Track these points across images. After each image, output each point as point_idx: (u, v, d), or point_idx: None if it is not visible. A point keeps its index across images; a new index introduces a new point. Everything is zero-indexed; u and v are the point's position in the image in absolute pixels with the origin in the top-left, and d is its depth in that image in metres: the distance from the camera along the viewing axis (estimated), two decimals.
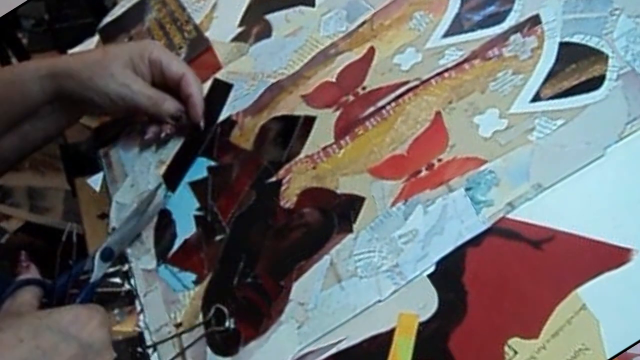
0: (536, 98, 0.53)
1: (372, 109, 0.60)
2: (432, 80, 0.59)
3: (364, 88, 0.62)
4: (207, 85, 0.73)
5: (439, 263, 0.49)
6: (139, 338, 0.60)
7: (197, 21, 0.81)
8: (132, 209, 0.65)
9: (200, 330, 0.56)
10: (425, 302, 0.48)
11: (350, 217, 0.54)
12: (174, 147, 0.70)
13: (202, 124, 0.67)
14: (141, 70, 0.66)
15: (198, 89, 0.67)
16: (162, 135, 0.69)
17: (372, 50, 0.64)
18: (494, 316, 0.46)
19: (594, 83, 0.51)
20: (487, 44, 0.58)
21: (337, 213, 0.55)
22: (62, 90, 0.64)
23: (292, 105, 0.65)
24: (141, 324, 0.60)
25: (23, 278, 0.54)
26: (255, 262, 0.57)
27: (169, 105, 0.66)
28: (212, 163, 0.66)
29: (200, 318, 0.57)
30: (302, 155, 0.61)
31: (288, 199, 0.59)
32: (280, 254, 0.56)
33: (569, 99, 0.51)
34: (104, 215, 0.70)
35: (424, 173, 0.54)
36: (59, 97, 0.65)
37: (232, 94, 0.71)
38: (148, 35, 0.84)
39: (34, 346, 0.46)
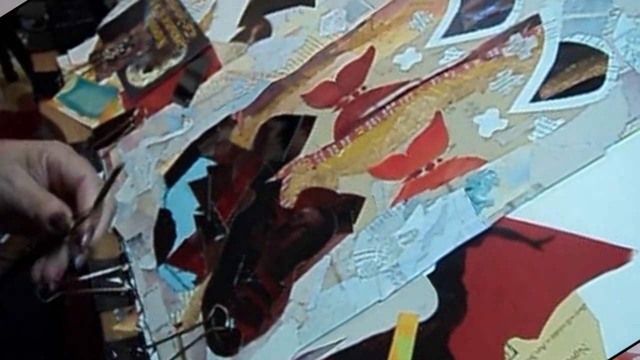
0: (536, 98, 0.53)
1: (372, 109, 0.60)
2: (432, 80, 0.59)
3: (364, 88, 0.62)
4: (206, 84, 0.73)
5: (439, 263, 0.49)
6: (139, 338, 0.60)
7: (197, 21, 0.81)
8: None
9: (200, 330, 0.56)
10: (425, 302, 0.48)
11: (350, 217, 0.54)
12: (174, 147, 0.71)
13: (85, 238, 0.53)
14: (36, 170, 0.55)
15: (93, 193, 0.55)
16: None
17: (372, 50, 0.64)
18: (494, 316, 0.46)
19: (594, 83, 0.51)
20: (487, 44, 0.58)
21: (337, 213, 0.55)
22: None
23: (292, 105, 0.65)
24: (141, 324, 0.60)
25: None
26: (255, 262, 0.57)
27: (52, 206, 0.53)
28: (212, 163, 0.66)
29: (200, 318, 0.57)
30: (302, 155, 0.61)
31: (288, 199, 0.59)
32: (280, 254, 0.56)
33: (569, 99, 0.51)
34: None
35: (424, 173, 0.54)
36: None
37: (232, 93, 0.71)
38: (148, 34, 0.84)
39: None
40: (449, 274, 0.48)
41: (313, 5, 0.73)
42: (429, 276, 0.49)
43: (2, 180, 0.53)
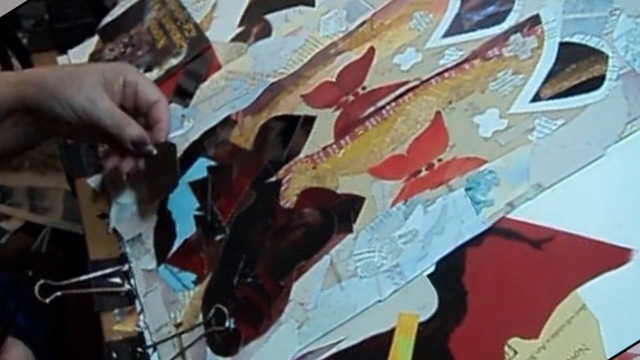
0: (536, 98, 0.53)
1: (372, 109, 0.60)
2: (432, 80, 0.59)
3: (364, 88, 0.62)
4: (206, 84, 0.73)
5: (439, 263, 0.49)
6: (139, 338, 0.60)
7: (197, 21, 0.81)
8: None
9: (200, 330, 0.56)
10: (425, 302, 0.48)
11: (350, 217, 0.54)
12: None
13: (154, 151, 0.63)
14: (113, 90, 0.62)
15: (169, 118, 0.65)
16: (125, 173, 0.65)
17: (372, 50, 0.64)
18: (494, 316, 0.46)
19: (594, 83, 0.51)
20: (487, 44, 0.58)
21: (337, 213, 0.55)
22: (26, 99, 0.60)
23: (292, 105, 0.65)
24: (141, 324, 0.60)
25: None
26: (255, 262, 0.57)
27: (133, 129, 0.61)
28: (212, 163, 0.66)
29: (200, 318, 0.57)
30: (302, 155, 0.61)
31: (288, 199, 0.59)
32: (280, 254, 0.56)
33: (569, 99, 0.51)
34: (104, 215, 0.70)
35: (424, 173, 0.54)
36: (22, 109, 0.61)
37: (232, 93, 0.71)
38: (148, 34, 0.84)
39: None
40: (449, 274, 0.49)
41: (313, 5, 0.73)
42: (429, 276, 0.49)
43: (86, 100, 0.60)
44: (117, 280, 0.64)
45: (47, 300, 0.60)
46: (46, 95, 0.60)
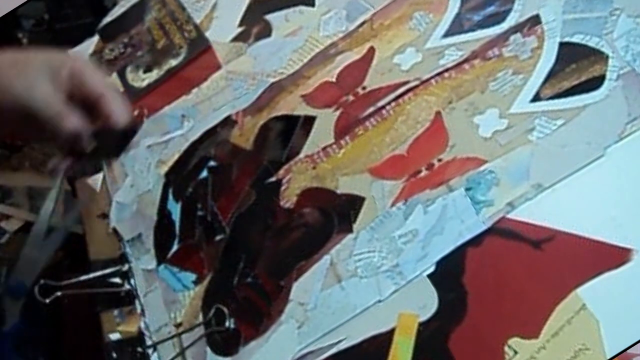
0: (536, 98, 0.53)
1: (372, 109, 0.60)
2: (432, 80, 0.59)
3: (364, 88, 0.62)
4: (206, 84, 0.73)
5: (439, 263, 0.49)
6: (139, 338, 0.60)
7: (197, 21, 0.81)
8: (32, 237, 0.58)
9: (200, 330, 0.56)
10: (425, 302, 0.48)
11: (350, 217, 0.54)
12: (174, 147, 0.71)
13: (88, 149, 0.56)
14: (59, 79, 0.56)
15: (120, 108, 0.57)
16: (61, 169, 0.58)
17: (372, 50, 0.64)
18: (494, 316, 0.46)
19: (594, 83, 0.51)
20: (487, 44, 0.58)
21: (337, 213, 0.55)
22: None
23: (292, 105, 0.65)
24: (141, 324, 0.60)
25: None
26: (255, 262, 0.57)
27: (71, 122, 0.55)
28: (212, 163, 0.66)
29: (200, 318, 0.57)
30: (302, 155, 0.61)
31: (288, 199, 0.59)
32: (280, 254, 0.56)
33: (569, 99, 0.51)
34: (104, 215, 0.70)
35: (424, 173, 0.54)
36: None
37: (232, 93, 0.71)
38: (148, 35, 0.84)
39: None
40: (449, 274, 0.48)
41: (313, 5, 0.73)
42: (429, 276, 0.49)
43: (24, 88, 0.54)
44: (117, 280, 0.64)
45: (47, 301, 0.60)
46: None
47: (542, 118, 0.51)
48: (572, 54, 0.54)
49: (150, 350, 0.58)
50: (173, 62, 0.79)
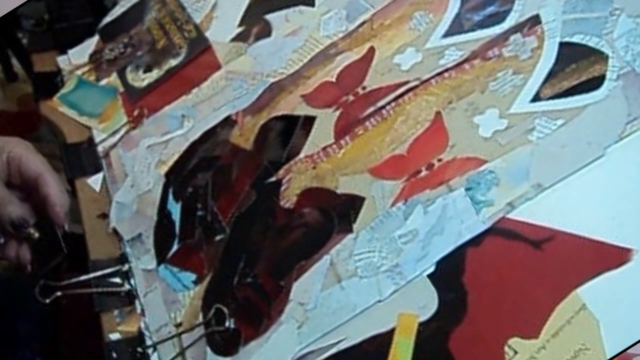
0: (536, 98, 0.53)
1: (372, 109, 0.60)
2: (432, 80, 0.59)
3: (363, 88, 0.62)
4: (206, 84, 0.73)
5: (439, 263, 0.49)
6: (139, 338, 0.60)
7: (197, 21, 0.81)
8: None
9: (200, 330, 0.56)
10: (425, 302, 0.48)
11: (350, 217, 0.54)
12: (174, 147, 0.71)
13: (66, 226, 0.57)
14: None
15: (57, 189, 0.56)
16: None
17: (372, 50, 0.64)
18: (494, 316, 0.46)
19: (594, 83, 0.51)
20: (487, 44, 0.58)
21: (337, 213, 0.55)
22: None
23: (292, 105, 0.65)
24: (141, 324, 0.60)
25: None
26: (255, 262, 0.57)
27: (13, 209, 0.55)
28: (212, 163, 0.66)
29: (200, 318, 0.57)
30: (302, 155, 0.61)
31: (288, 199, 0.59)
32: (280, 254, 0.56)
33: (569, 99, 0.51)
34: (104, 215, 0.70)
35: (424, 173, 0.54)
36: None
37: (232, 93, 0.71)
38: (148, 35, 0.84)
39: None
40: (449, 274, 0.48)
41: (313, 5, 0.73)
42: (429, 276, 0.49)
43: None
44: (117, 280, 0.64)
45: (47, 301, 0.60)
46: None
47: (542, 118, 0.51)
48: (572, 54, 0.54)
49: (150, 350, 0.58)
50: (173, 62, 0.79)
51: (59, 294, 0.61)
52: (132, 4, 0.90)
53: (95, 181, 0.73)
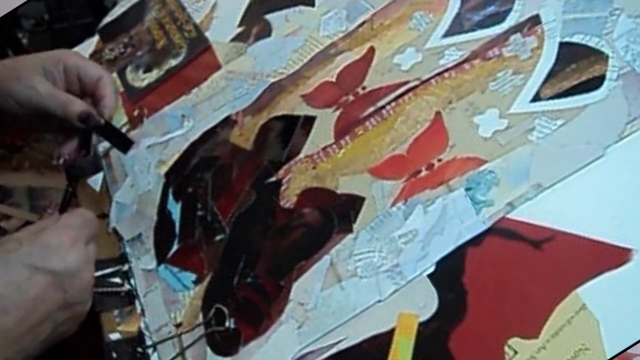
0: (536, 98, 0.53)
1: (372, 109, 0.60)
2: (432, 80, 0.59)
3: (363, 88, 0.62)
4: (206, 84, 0.73)
5: (439, 263, 0.49)
6: (139, 338, 0.60)
7: (197, 21, 0.81)
8: None
9: (200, 330, 0.56)
10: (425, 302, 0.48)
11: (350, 217, 0.54)
12: (174, 147, 0.71)
13: (102, 121, 0.64)
14: (54, 77, 0.64)
15: (113, 91, 0.66)
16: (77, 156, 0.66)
17: (372, 50, 0.64)
18: (494, 316, 0.46)
19: (594, 83, 0.51)
20: (487, 44, 0.58)
21: (337, 213, 0.55)
22: None
23: (292, 105, 0.65)
24: (141, 324, 0.60)
25: None
26: (255, 262, 0.57)
27: (77, 106, 0.63)
28: (212, 163, 0.66)
29: (200, 318, 0.57)
30: (302, 155, 0.61)
31: (288, 199, 0.59)
32: (280, 254, 0.56)
33: (569, 99, 0.51)
34: (104, 215, 0.70)
35: (424, 173, 0.54)
36: None
37: (232, 93, 0.71)
38: (148, 35, 0.84)
39: (6, 282, 0.45)
40: (449, 274, 0.48)
41: (313, 5, 0.73)
42: (429, 276, 0.49)
43: (28, 89, 0.61)
44: (117, 280, 0.64)
45: None
46: None
47: (542, 118, 0.51)
48: (572, 54, 0.54)
49: (150, 350, 0.58)
50: (173, 62, 0.79)
51: None
52: (132, 4, 0.90)
53: (95, 181, 0.73)
